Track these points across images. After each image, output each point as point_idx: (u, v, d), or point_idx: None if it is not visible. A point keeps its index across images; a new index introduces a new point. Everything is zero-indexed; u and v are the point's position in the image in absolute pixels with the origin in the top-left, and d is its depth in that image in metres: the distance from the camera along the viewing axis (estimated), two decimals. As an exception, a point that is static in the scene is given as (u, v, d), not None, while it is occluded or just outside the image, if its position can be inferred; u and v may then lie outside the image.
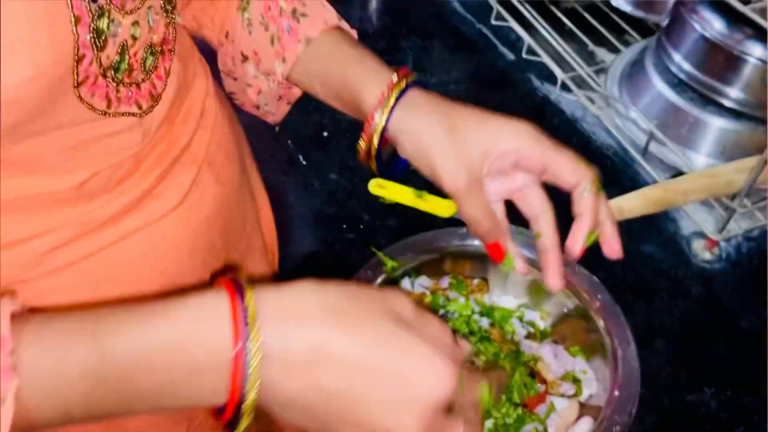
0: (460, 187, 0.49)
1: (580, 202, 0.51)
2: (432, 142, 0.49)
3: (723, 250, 0.81)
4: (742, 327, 0.74)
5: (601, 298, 0.63)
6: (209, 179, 0.51)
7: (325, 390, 0.35)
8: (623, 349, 0.60)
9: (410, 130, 0.49)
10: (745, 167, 0.74)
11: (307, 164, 0.89)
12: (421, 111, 0.49)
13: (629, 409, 0.56)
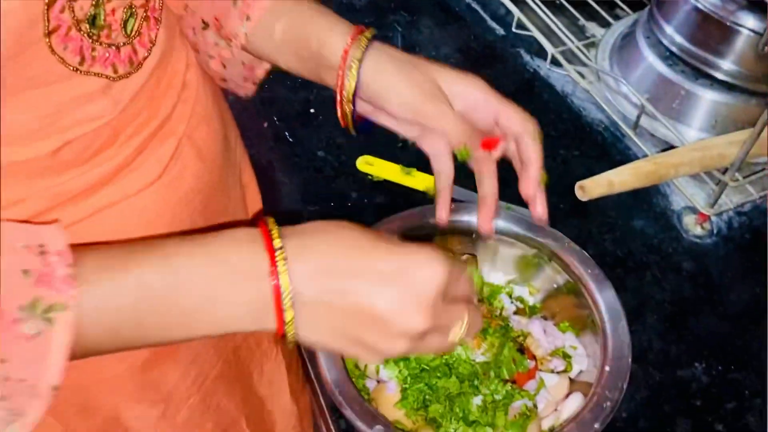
0: (440, 106, 0.52)
1: (527, 150, 0.56)
2: (401, 73, 0.52)
3: (714, 225, 0.80)
4: (733, 302, 0.73)
5: (592, 273, 0.62)
6: (190, 154, 0.50)
7: (341, 291, 0.39)
8: (614, 324, 0.60)
9: (375, 68, 0.52)
10: (737, 140, 0.73)
11: (293, 141, 0.88)
12: (390, 56, 0.53)
13: (620, 384, 0.56)
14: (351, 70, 0.52)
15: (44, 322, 0.36)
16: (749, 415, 0.65)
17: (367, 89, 0.53)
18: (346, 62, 0.52)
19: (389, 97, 0.53)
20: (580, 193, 0.69)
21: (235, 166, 0.63)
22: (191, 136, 0.50)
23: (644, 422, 0.65)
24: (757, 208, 0.82)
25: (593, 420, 0.53)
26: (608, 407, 0.54)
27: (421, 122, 0.53)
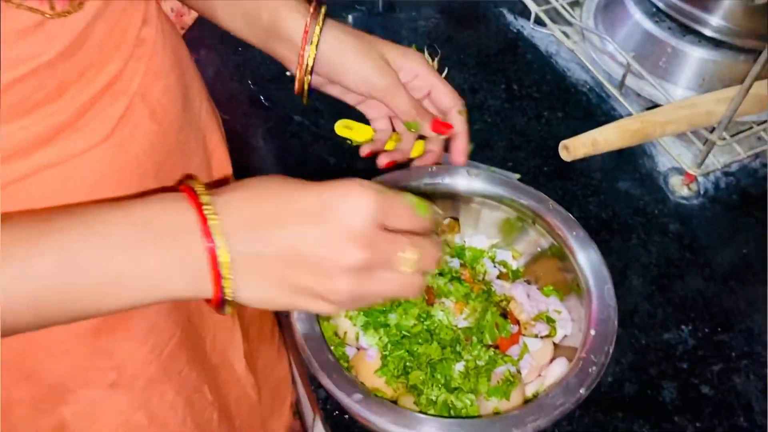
0: (391, 82, 0.58)
1: (456, 122, 0.62)
2: (356, 51, 0.57)
3: (701, 185, 0.78)
4: (720, 263, 0.72)
5: (576, 235, 0.60)
6: (142, 115, 0.47)
7: (271, 239, 0.38)
8: (599, 287, 0.58)
9: (330, 47, 0.57)
10: (724, 98, 0.71)
11: (269, 105, 0.85)
12: (338, 36, 0.57)
13: (606, 348, 0.54)
14: (311, 45, 0.56)
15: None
16: (736, 376, 0.64)
17: (326, 65, 0.57)
18: (307, 39, 0.56)
19: (347, 73, 0.58)
20: (564, 153, 0.67)
21: (198, 130, 0.60)
22: (145, 96, 0.47)
23: (630, 386, 0.63)
24: (745, 168, 0.80)
25: (578, 385, 0.52)
26: (594, 372, 0.53)
27: (374, 96, 0.59)
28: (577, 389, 0.51)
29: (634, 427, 0.61)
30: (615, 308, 0.56)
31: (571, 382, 0.52)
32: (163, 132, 0.50)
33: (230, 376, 0.67)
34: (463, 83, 0.88)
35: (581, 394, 0.51)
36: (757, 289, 0.70)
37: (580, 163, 0.80)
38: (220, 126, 0.69)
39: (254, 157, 0.80)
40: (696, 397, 0.63)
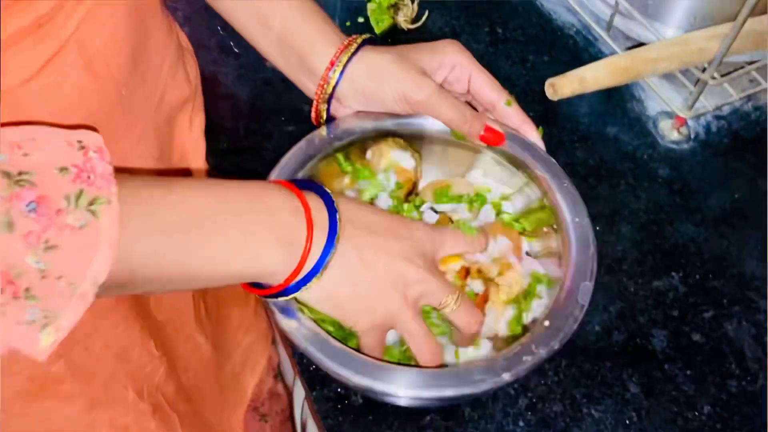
0: (430, 93, 0.55)
1: (511, 115, 0.58)
2: (391, 71, 0.55)
3: (691, 129, 0.75)
4: (711, 208, 0.69)
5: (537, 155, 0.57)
6: (75, 63, 0.42)
7: (360, 249, 0.46)
8: (579, 243, 0.54)
9: (363, 72, 0.56)
10: (717, 34, 0.67)
11: (240, 52, 0.80)
12: (374, 53, 0.56)
13: (574, 312, 0.50)
14: (334, 73, 0.56)
15: (89, 214, 0.35)
16: (727, 323, 0.62)
17: (363, 93, 0.56)
18: (331, 69, 0.56)
19: (384, 95, 0.56)
20: (550, 91, 0.64)
21: (155, 88, 0.56)
22: (82, 43, 0.43)
23: (618, 335, 0.61)
24: (736, 111, 0.77)
25: (550, 338, 0.49)
26: (566, 327, 0.49)
27: (418, 111, 0.56)
28: (549, 342, 0.48)
29: (622, 376, 0.59)
30: (593, 267, 0.52)
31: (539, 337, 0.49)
32: (101, 86, 0.45)
33: (178, 333, 0.65)
34: (445, 27, 0.84)
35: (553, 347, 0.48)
36: (749, 233, 0.67)
37: (566, 108, 0.77)
38: (191, 81, 0.65)
39: (225, 106, 0.76)
40: (687, 344, 0.61)
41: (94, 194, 0.36)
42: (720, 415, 0.57)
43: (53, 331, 0.35)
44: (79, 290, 0.35)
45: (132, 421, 0.58)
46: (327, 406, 0.57)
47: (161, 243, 0.40)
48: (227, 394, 0.82)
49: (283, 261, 0.44)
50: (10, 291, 0.33)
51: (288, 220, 0.44)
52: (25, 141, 0.36)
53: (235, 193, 0.44)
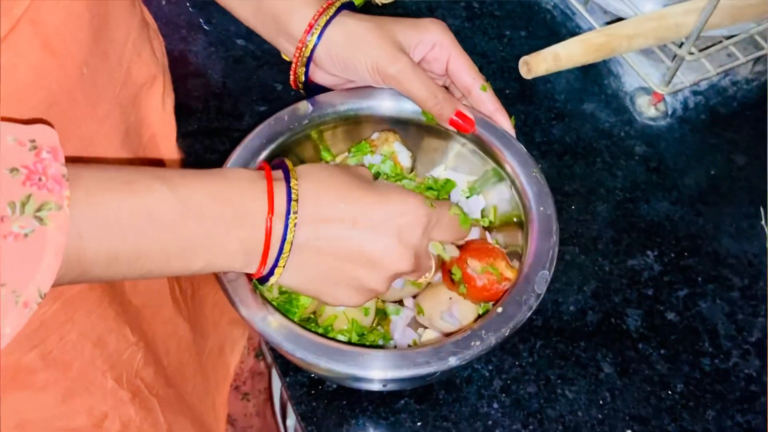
0: (403, 67, 0.54)
1: (485, 101, 0.56)
2: (367, 40, 0.54)
3: (668, 105, 0.74)
4: (688, 186, 0.69)
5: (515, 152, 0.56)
6: (31, 43, 0.41)
7: (335, 238, 0.45)
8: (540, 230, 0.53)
9: (341, 38, 0.54)
10: (695, 8, 0.66)
11: (209, 29, 0.78)
12: (353, 20, 0.55)
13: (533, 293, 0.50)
14: (312, 36, 0.54)
15: (36, 221, 0.34)
16: (702, 301, 0.62)
17: (337, 59, 0.55)
18: (309, 32, 0.54)
19: (358, 64, 0.55)
20: (524, 70, 0.62)
21: (119, 66, 0.54)
22: (36, 21, 0.41)
23: (593, 315, 0.61)
24: (714, 86, 0.76)
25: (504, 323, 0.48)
26: (520, 312, 0.49)
27: (390, 84, 0.55)
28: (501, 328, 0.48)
29: (597, 356, 0.59)
30: (553, 256, 0.51)
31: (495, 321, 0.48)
32: (59, 65, 0.44)
33: (155, 317, 0.64)
34: (420, 1, 0.82)
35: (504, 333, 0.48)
36: (724, 211, 0.67)
37: (543, 85, 0.76)
38: (158, 59, 0.63)
39: (194, 86, 0.74)
40: (661, 323, 0.61)
41: (43, 199, 0.35)
42: (693, 393, 0.58)
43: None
44: (23, 298, 0.34)
45: (110, 408, 0.58)
46: (300, 392, 0.57)
47: (115, 246, 0.39)
48: (209, 375, 0.82)
49: (242, 260, 0.44)
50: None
51: (257, 219, 0.43)
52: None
53: (199, 197, 0.42)
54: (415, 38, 0.56)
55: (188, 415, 0.72)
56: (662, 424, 0.56)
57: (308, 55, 0.55)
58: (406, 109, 0.57)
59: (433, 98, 0.54)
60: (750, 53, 0.74)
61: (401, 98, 0.57)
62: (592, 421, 0.56)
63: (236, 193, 0.43)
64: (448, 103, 0.54)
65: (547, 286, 0.50)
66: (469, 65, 0.56)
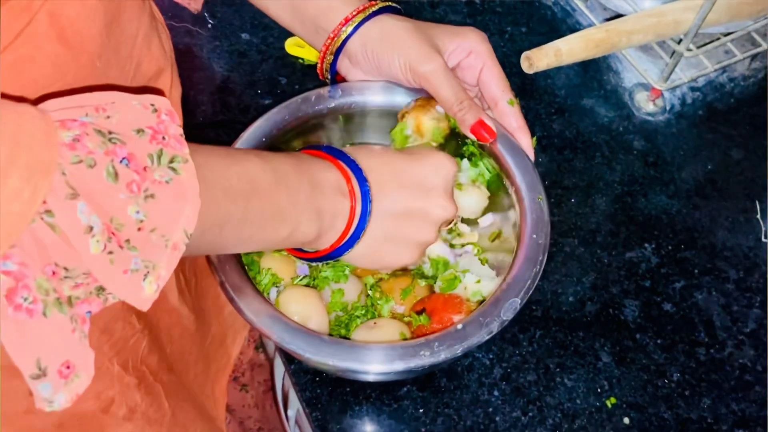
0: (436, 68, 0.55)
1: (510, 116, 0.57)
2: (403, 39, 0.55)
3: (667, 101, 0.76)
4: (685, 180, 0.70)
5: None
6: (48, 35, 0.42)
7: (395, 202, 0.50)
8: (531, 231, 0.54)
9: (378, 35, 0.56)
10: (693, 5, 0.67)
11: (214, 23, 0.79)
12: (392, 19, 0.56)
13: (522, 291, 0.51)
14: (347, 28, 0.56)
15: (171, 171, 0.37)
16: (698, 292, 0.63)
17: (372, 55, 0.56)
18: (344, 25, 0.56)
19: (391, 60, 0.56)
20: (526, 65, 0.64)
21: (129, 59, 0.55)
22: (54, 13, 0.42)
23: (591, 305, 0.62)
24: (711, 82, 0.78)
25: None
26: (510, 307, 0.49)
27: (420, 83, 0.56)
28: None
29: (595, 345, 0.60)
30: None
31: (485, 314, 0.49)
32: (74, 57, 0.45)
33: (160, 305, 0.65)
34: (422, -2, 0.83)
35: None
36: (721, 204, 0.69)
37: (543, 81, 0.77)
38: (166, 52, 0.64)
39: (200, 79, 0.75)
40: (658, 314, 0.62)
41: (172, 153, 0.37)
42: (688, 382, 0.59)
43: (154, 279, 0.37)
44: (172, 241, 0.37)
45: (117, 393, 0.59)
46: (305, 378, 0.58)
47: (226, 209, 0.42)
48: (210, 364, 0.83)
49: (317, 229, 0.48)
50: (114, 241, 0.35)
51: (329, 192, 0.48)
52: (106, 104, 0.38)
53: (284, 167, 0.46)
54: (452, 44, 0.57)
55: (190, 401, 0.73)
56: (659, 411, 0.57)
57: (339, 45, 0.57)
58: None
59: (459, 103, 0.55)
60: (747, 50, 0.75)
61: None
62: (590, 409, 0.57)
63: (311, 166, 0.48)
64: (473, 111, 0.55)
65: (543, 283, 0.51)
66: (501, 78, 0.57)
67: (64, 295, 0.36)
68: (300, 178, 0.47)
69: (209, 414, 0.80)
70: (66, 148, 0.35)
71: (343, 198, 0.48)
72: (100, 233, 0.35)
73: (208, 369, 0.82)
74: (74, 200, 0.34)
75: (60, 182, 0.34)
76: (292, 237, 0.47)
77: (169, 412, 0.65)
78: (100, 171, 0.35)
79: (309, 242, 0.49)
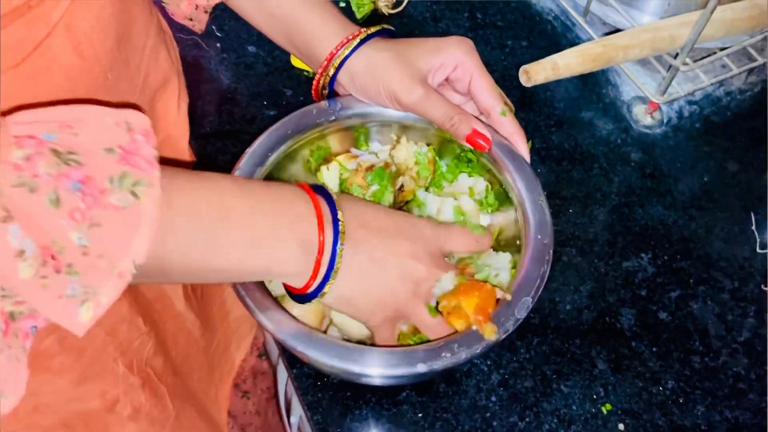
0: (419, 97, 0.56)
1: (504, 124, 0.58)
2: (386, 71, 0.57)
3: (664, 114, 0.77)
4: (682, 191, 0.71)
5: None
6: (64, 47, 0.43)
7: (370, 250, 0.49)
8: (535, 236, 0.55)
9: (362, 68, 0.57)
10: (688, 21, 0.69)
11: (221, 36, 0.81)
12: (375, 51, 0.57)
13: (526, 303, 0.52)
14: (332, 66, 0.58)
15: (132, 196, 0.36)
16: (693, 302, 0.64)
17: (359, 87, 0.59)
18: (330, 61, 0.58)
19: (377, 93, 0.58)
20: (524, 78, 0.65)
21: (138, 71, 0.57)
22: (70, 27, 0.44)
23: (588, 313, 0.63)
24: (708, 96, 0.79)
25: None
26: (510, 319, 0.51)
27: (409, 110, 0.58)
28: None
29: (591, 353, 0.61)
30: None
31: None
32: (87, 68, 0.46)
33: (166, 310, 0.66)
34: (425, 12, 0.85)
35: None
36: (717, 216, 0.70)
37: (543, 93, 0.78)
38: (173, 63, 0.66)
39: (207, 90, 0.77)
40: (653, 323, 0.63)
41: (137, 177, 0.37)
42: (683, 390, 0.60)
43: (92, 306, 0.36)
44: (118, 269, 0.36)
45: (122, 393, 0.60)
46: (307, 383, 0.59)
47: (193, 233, 0.41)
48: (214, 369, 0.84)
49: (302, 262, 0.46)
50: (52, 265, 0.35)
51: (305, 223, 0.47)
52: (75, 121, 0.37)
53: (260, 193, 0.46)
54: (435, 62, 0.58)
55: (194, 405, 0.74)
56: (653, 418, 0.58)
57: (331, 76, 0.59)
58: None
59: (449, 120, 0.57)
60: (743, 64, 0.76)
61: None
62: (585, 415, 0.58)
63: (293, 197, 0.47)
64: (464, 123, 0.57)
65: (544, 287, 0.52)
66: (490, 87, 0.58)
67: (5, 311, 0.35)
68: (281, 206, 0.46)
69: (212, 418, 0.82)
70: (11, 168, 0.34)
71: (315, 231, 0.47)
72: (32, 257, 0.34)
73: (212, 374, 0.83)
74: (6, 223, 0.34)
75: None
76: (273, 268, 0.46)
77: (173, 413, 0.67)
78: (41, 196, 0.34)
79: (293, 275, 0.48)
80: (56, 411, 0.56)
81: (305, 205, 0.47)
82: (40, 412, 0.55)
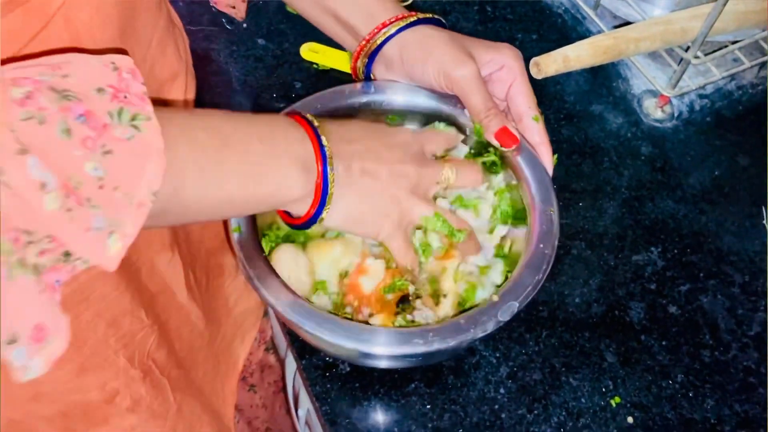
0: (469, 74, 0.56)
1: (533, 130, 0.58)
2: (439, 47, 0.57)
3: (675, 108, 0.77)
4: (692, 185, 0.71)
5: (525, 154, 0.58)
6: (62, 38, 0.43)
7: (360, 164, 0.51)
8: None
9: (415, 41, 0.57)
10: (700, 14, 0.69)
11: (232, 28, 0.81)
12: (425, 32, 0.57)
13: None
14: (382, 34, 0.57)
15: (133, 128, 0.36)
16: (703, 296, 0.64)
17: (408, 59, 0.58)
18: (380, 30, 0.57)
19: (426, 65, 0.57)
20: (534, 70, 0.65)
21: (143, 62, 0.57)
22: (69, 17, 0.43)
23: (597, 307, 0.63)
24: (720, 90, 0.79)
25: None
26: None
27: (452, 89, 0.57)
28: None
29: (600, 346, 0.61)
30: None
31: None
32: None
33: (170, 303, 0.66)
34: (435, 5, 0.85)
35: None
36: (727, 210, 0.69)
37: (553, 87, 0.78)
38: (182, 56, 0.66)
39: (217, 81, 0.77)
40: (663, 316, 0.63)
41: (133, 111, 0.37)
42: (692, 384, 0.60)
43: (119, 237, 0.36)
44: (136, 199, 0.36)
45: (122, 385, 0.60)
46: (316, 374, 0.59)
47: (200, 160, 0.42)
48: (220, 362, 0.84)
49: (304, 184, 0.47)
50: (73, 199, 0.34)
51: (301, 146, 0.48)
52: (63, 63, 0.37)
53: (255, 121, 0.47)
54: (486, 56, 0.58)
55: (198, 398, 0.75)
56: (662, 411, 0.58)
57: (374, 49, 0.58)
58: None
59: (486, 110, 0.57)
60: (755, 58, 0.76)
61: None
62: (594, 408, 0.58)
63: (286, 123, 0.48)
64: (498, 119, 0.57)
65: (550, 284, 0.53)
66: (529, 94, 0.58)
67: (30, 264, 0.34)
68: (272, 130, 0.47)
69: (217, 411, 0.82)
70: (15, 105, 0.34)
71: (312, 153, 0.48)
72: (55, 189, 0.34)
73: (217, 367, 0.83)
74: (24, 156, 0.33)
75: (9, 138, 0.33)
76: (278, 194, 0.47)
77: (175, 406, 0.67)
78: (52, 127, 0.34)
79: (296, 200, 0.48)
80: (55, 400, 0.57)
81: (297, 130, 0.48)
82: (38, 401, 0.56)
